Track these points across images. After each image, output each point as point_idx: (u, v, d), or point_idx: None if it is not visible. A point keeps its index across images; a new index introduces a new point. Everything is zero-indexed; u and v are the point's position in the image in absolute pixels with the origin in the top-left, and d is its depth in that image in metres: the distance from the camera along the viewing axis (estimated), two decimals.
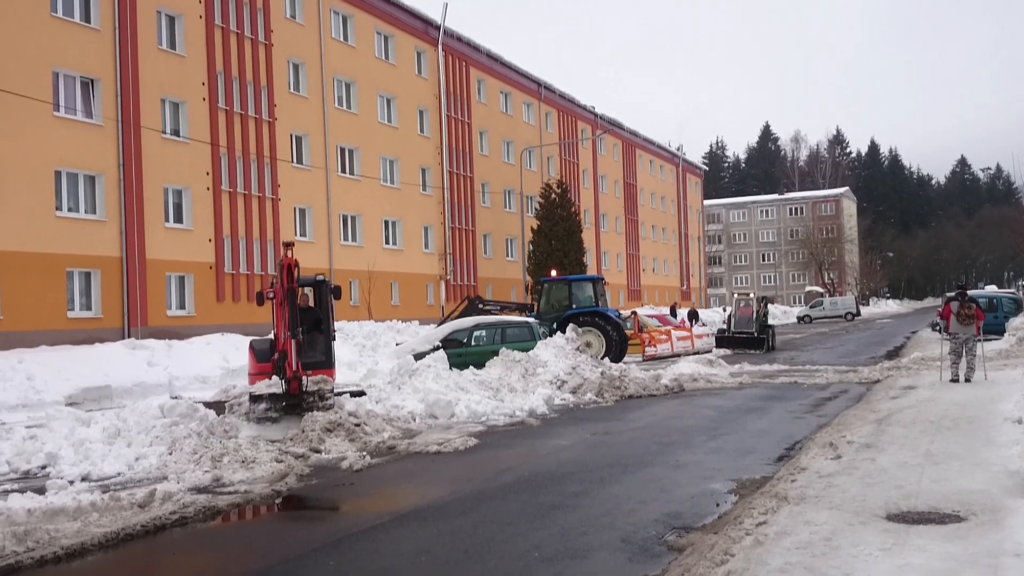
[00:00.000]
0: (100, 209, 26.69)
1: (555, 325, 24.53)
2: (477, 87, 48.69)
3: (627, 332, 27.40)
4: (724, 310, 28.90)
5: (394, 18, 41.18)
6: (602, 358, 23.78)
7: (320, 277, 16.59)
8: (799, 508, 7.37)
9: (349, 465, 10.87)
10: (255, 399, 13.02)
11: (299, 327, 13.28)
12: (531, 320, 24.22)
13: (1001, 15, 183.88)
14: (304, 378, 13.10)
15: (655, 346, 27.51)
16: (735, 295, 37.93)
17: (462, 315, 26.09)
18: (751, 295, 34.93)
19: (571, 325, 24.13)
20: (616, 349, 25.11)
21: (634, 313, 29.61)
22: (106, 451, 11.31)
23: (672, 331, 29.53)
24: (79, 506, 8.40)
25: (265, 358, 16.39)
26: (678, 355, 26.62)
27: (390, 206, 40.09)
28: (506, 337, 22.34)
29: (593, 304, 25.87)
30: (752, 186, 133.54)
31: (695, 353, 27.03)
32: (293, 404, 13.02)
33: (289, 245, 13.55)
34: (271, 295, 13.65)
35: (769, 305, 33.31)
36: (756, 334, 31.92)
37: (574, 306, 25.65)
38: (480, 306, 27.29)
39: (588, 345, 24.28)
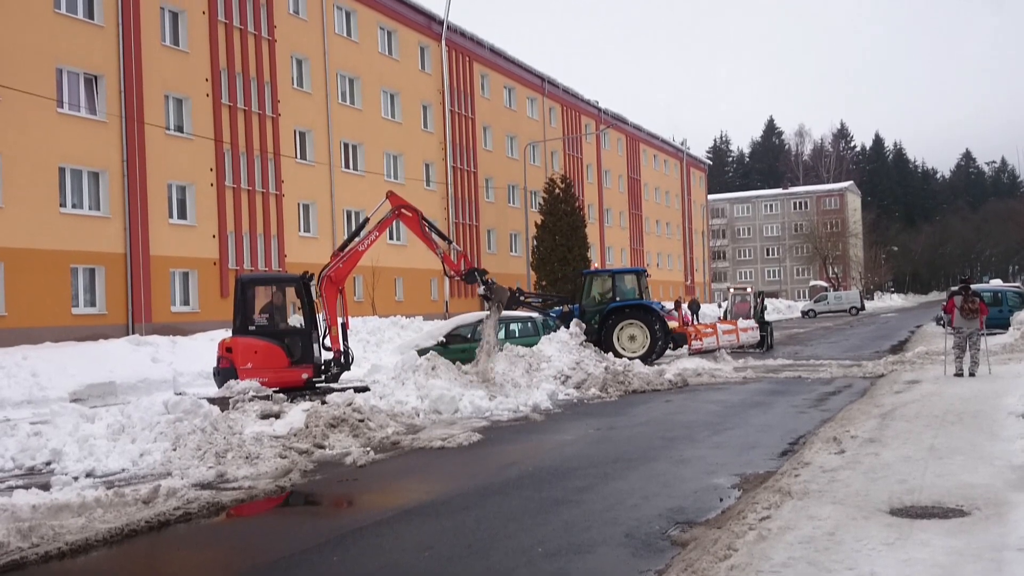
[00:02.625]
0: (104, 205, 26.74)
1: (597, 318, 24.25)
2: (480, 82, 48.65)
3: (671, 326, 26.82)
4: (720, 306, 27.87)
5: (397, 13, 41.16)
6: (647, 352, 23.54)
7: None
8: (802, 503, 7.37)
9: (353, 461, 10.88)
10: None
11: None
12: (535, 315, 24.16)
13: (1006, 8, 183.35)
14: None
15: (701, 339, 26.96)
16: (731, 289, 37.14)
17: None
18: (748, 289, 34.25)
19: (575, 320, 24.08)
20: (661, 343, 24.61)
21: (678, 306, 28.94)
22: (110, 447, 11.33)
23: (718, 325, 28.95)
24: (83, 502, 8.42)
25: (294, 353, 16.45)
26: (723, 349, 25.99)
27: None
28: (510, 332, 22.35)
29: (637, 297, 25.22)
30: (756, 180, 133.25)
31: (740, 347, 26.44)
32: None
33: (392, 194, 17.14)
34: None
35: (767, 300, 32.56)
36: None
37: (618, 299, 24.97)
38: (521, 298, 26.87)
39: (632, 339, 23.97)
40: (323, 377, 16.90)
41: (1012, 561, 5.62)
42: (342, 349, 16.99)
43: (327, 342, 17.07)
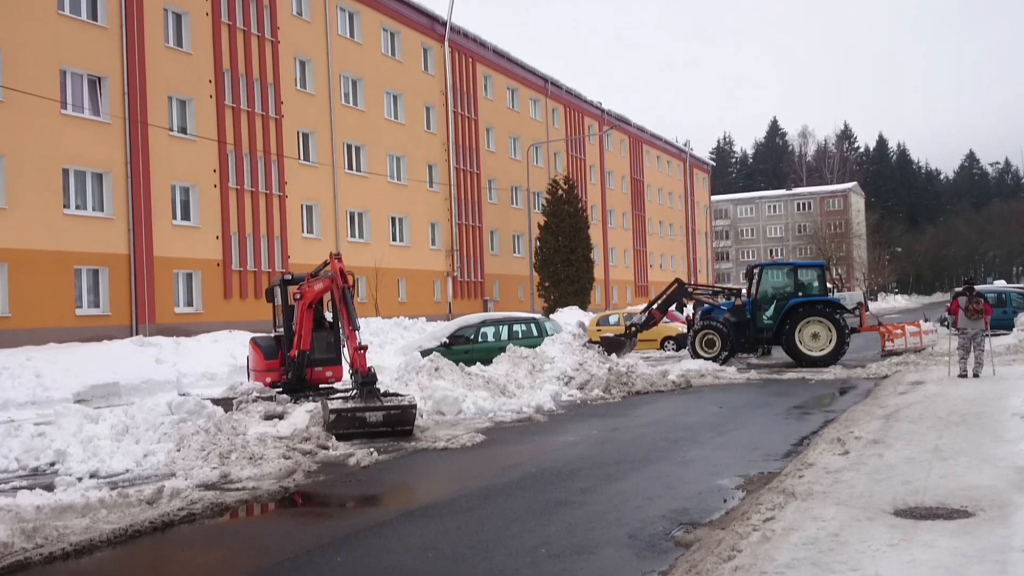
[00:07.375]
0: (108, 206, 26.78)
1: (771, 312, 23.25)
2: (484, 83, 48.66)
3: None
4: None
5: (400, 14, 41.18)
6: (832, 352, 22.42)
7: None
8: (806, 504, 7.37)
9: (356, 462, 10.89)
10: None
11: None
12: (538, 316, 24.15)
13: (1009, 9, 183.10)
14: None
15: (893, 341, 25.98)
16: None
17: (670, 299, 24.87)
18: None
19: (578, 320, 24.07)
20: (847, 342, 23.12)
21: (860, 304, 27.50)
22: (114, 448, 11.35)
23: (906, 326, 27.92)
24: (87, 503, 8.42)
25: (272, 355, 16.44)
26: (909, 351, 25.09)
27: (397, 203, 40.10)
28: (513, 333, 22.39)
29: (821, 293, 23.76)
30: (760, 181, 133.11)
31: (921, 349, 25.46)
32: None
33: (337, 256, 14.87)
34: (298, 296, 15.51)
35: None
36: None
37: (800, 293, 23.56)
38: (689, 290, 25.93)
39: (816, 337, 22.65)
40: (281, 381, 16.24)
41: (1016, 562, 5.61)
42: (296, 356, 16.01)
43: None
